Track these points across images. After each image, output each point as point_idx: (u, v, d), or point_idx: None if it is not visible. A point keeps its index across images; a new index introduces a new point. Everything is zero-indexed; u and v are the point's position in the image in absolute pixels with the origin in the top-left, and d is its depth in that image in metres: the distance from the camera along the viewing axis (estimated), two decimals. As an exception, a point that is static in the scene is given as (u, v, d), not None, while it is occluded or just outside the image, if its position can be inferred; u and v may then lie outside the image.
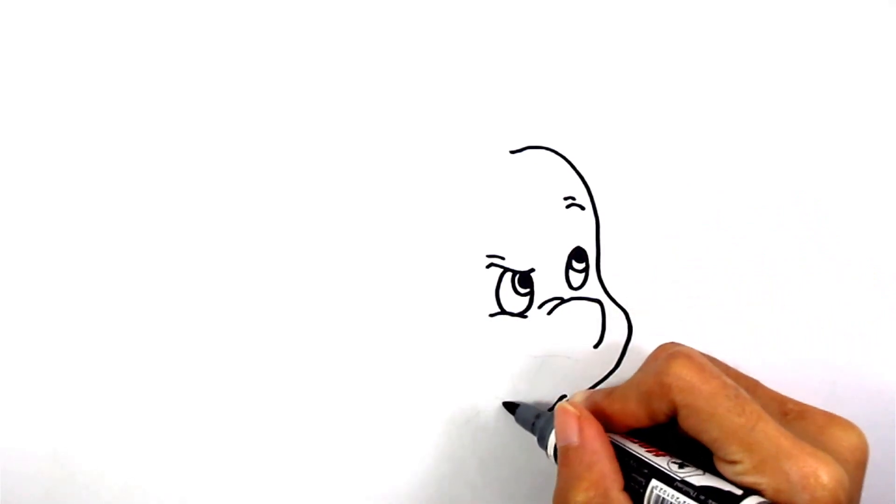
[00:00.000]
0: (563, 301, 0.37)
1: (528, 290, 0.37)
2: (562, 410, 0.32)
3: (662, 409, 0.30)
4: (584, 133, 0.37)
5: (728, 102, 0.38)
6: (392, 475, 0.37)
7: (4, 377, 0.33)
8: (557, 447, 0.32)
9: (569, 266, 0.37)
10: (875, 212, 0.39)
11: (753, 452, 0.27)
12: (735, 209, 0.38)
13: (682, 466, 0.29)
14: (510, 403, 0.37)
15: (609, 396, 0.32)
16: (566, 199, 0.37)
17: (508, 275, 0.37)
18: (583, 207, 0.37)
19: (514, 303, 0.37)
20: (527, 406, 0.36)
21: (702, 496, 0.27)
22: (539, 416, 0.35)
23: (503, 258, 0.36)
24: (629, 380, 0.32)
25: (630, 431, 0.32)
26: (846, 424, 0.29)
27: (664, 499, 0.28)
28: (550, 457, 0.33)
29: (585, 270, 0.37)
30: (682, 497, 0.27)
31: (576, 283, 0.37)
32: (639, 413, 0.31)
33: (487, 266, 0.36)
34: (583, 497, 0.29)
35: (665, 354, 0.30)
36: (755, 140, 0.38)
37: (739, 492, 0.27)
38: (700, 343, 0.35)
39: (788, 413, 0.30)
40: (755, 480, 0.27)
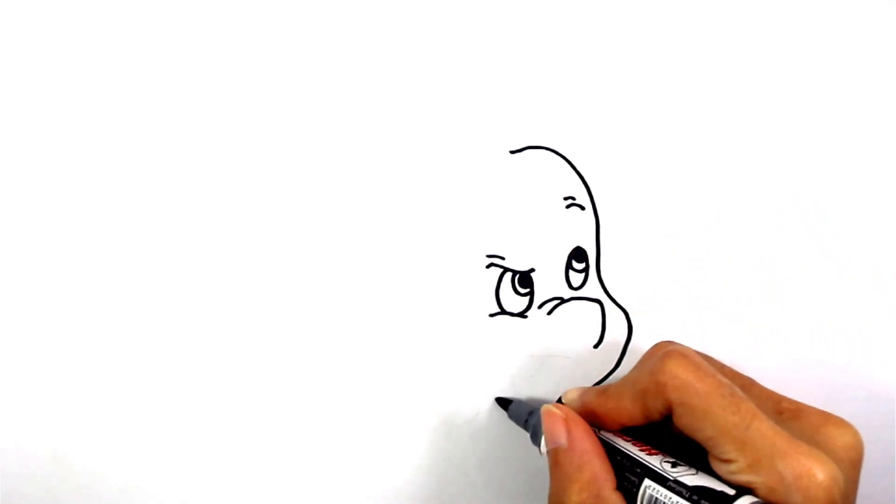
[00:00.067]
0: (563, 301, 0.37)
1: (528, 290, 0.37)
2: (547, 413, 0.32)
3: (657, 408, 0.30)
4: (584, 133, 0.37)
5: (728, 103, 0.38)
6: (392, 475, 0.37)
7: (4, 377, 0.33)
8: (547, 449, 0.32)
9: (569, 266, 0.37)
10: (875, 212, 0.39)
11: (748, 451, 0.27)
12: (735, 209, 0.38)
13: (676, 466, 0.29)
14: (503, 399, 0.37)
15: (603, 394, 0.32)
16: (566, 199, 0.37)
17: (508, 275, 0.37)
18: (583, 207, 0.37)
19: (514, 303, 0.37)
20: (520, 402, 0.36)
21: (694, 496, 0.27)
22: (532, 413, 0.34)
23: (503, 258, 0.37)
24: (624, 377, 0.32)
25: (624, 429, 0.32)
26: (841, 423, 0.29)
27: (657, 498, 0.28)
28: (543, 455, 0.33)
29: (585, 270, 0.37)
30: (675, 497, 0.27)
31: (576, 283, 0.37)
32: (633, 411, 0.31)
33: (487, 266, 0.36)
34: (576, 499, 0.29)
35: (660, 353, 0.30)
36: (755, 140, 0.38)
37: (732, 492, 0.27)
38: (700, 343, 0.35)
39: (783, 412, 0.30)
40: (749, 479, 0.27)
